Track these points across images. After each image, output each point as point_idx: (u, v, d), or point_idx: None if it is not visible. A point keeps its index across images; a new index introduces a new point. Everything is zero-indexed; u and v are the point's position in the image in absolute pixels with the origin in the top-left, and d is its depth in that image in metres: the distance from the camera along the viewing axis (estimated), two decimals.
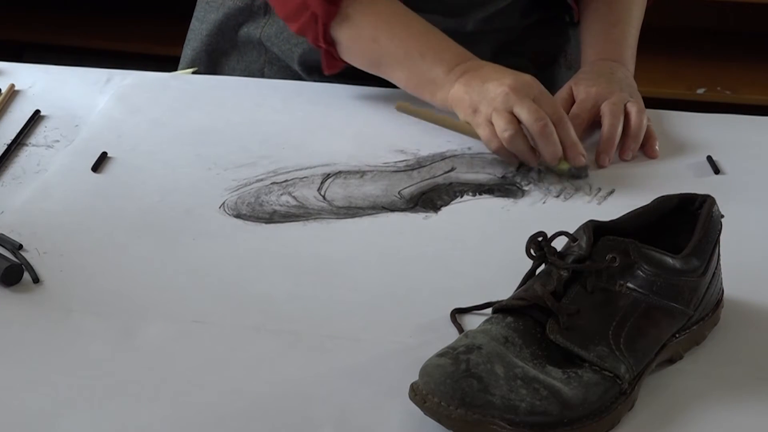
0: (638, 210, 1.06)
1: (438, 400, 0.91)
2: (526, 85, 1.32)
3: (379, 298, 1.11)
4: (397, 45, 1.39)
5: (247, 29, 1.57)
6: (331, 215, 1.24)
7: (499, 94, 1.31)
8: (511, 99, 1.30)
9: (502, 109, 1.30)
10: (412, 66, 1.38)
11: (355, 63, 1.43)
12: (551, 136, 1.29)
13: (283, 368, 1.01)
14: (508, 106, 1.30)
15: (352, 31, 1.40)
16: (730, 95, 2.88)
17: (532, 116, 1.29)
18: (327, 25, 1.40)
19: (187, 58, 1.63)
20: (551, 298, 0.97)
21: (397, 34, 1.40)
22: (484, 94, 1.32)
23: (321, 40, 1.41)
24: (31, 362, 1.01)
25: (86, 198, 1.26)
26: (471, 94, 1.33)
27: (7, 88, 1.48)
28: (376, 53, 1.41)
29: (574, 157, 1.31)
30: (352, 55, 1.42)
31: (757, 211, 1.27)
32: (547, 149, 1.30)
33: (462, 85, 1.34)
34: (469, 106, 1.33)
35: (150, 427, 0.94)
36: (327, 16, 1.39)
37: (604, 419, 0.94)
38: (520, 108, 1.30)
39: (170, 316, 1.07)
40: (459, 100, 1.34)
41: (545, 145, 1.30)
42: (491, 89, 1.32)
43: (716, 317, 1.07)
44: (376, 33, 1.39)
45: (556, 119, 1.31)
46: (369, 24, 1.40)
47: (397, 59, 1.39)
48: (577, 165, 1.31)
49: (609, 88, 1.41)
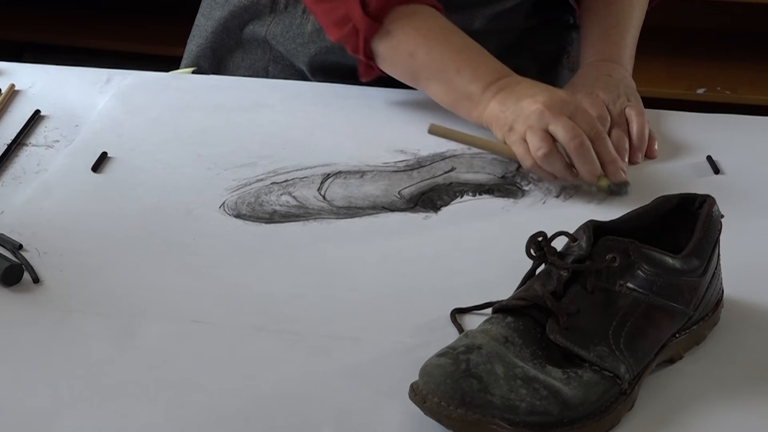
0: (638, 210, 1.06)
1: (438, 400, 0.91)
2: (560, 101, 1.30)
3: (379, 298, 1.11)
4: (433, 59, 1.38)
5: (253, 27, 1.57)
6: (331, 215, 1.24)
7: (533, 111, 1.29)
8: (546, 116, 1.28)
9: (537, 127, 1.28)
10: (448, 81, 1.37)
11: (393, 75, 1.43)
12: (588, 153, 1.27)
13: (283, 368, 1.01)
14: (543, 123, 1.28)
15: (391, 45, 1.39)
16: (730, 95, 2.88)
17: (568, 134, 1.27)
18: (368, 40, 1.39)
19: (191, 54, 1.63)
20: (551, 298, 0.97)
21: (434, 49, 1.38)
22: (518, 111, 1.30)
23: (361, 52, 1.41)
24: (31, 362, 1.01)
25: (86, 198, 1.26)
26: (506, 112, 1.32)
27: (7, 88, 1.48)
28: (413, 67, 1.40)
29: (614, 172, 1.28)
30: (390, 67, 1.42)
31: (757, 211, 1.27)
32: (584, 167, 1.27)
33: (498, 103, 1.33)
34: (504, 124, 1.32)
35: (150, 427, 0.94)
36: (369, 31, 1.39)
37: (604, 419, 0.94)
38: (555, 126, 1.27)
39: (170, 316, 1.07)
40: (494, 118, 1.33)
41: (582, 163, 1.27)
42: (526, 107, 1.30)
43: (716, 317, 1.07)
44: (415, 48, 1.38)
45: (594, 135, 1.28)
46: (408, 38, 1.39)
47: (434, 74, 1.38)
48: (617, 181, 1.28)
49: (607, 92, 1.41)
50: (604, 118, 1.37)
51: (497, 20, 1.53)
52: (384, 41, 1.39)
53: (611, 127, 1.37)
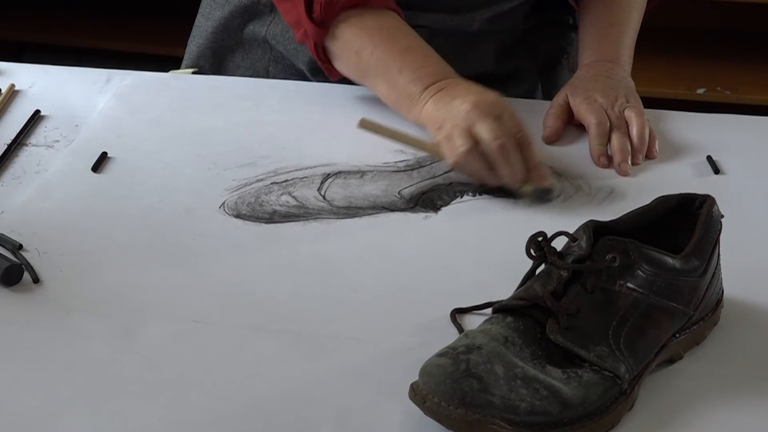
0: (638, 210, 1.06)
1: (438, 400, 0.91)
2: (489, 103, 1.29)
3: (379, 298, 1.11)
4: (377, 59, 1.39)
5: (253, 27, 1.57)
6: (331, 215, 1.24)
7: (461, 111, 1.29)
8: (472, 116, 1.28)
9: (462, 126, 1.28)
10: (390, 81, 1.38)
11: (345, 74, 1.44)
12: (509, 156, 1.26)
13: (283, 368, 1.01)
14: (469, 123, 1.28)
15: (339, 45, 1.41)
16: (730, 95, 2.88)
17: (490, 135, 1.26)
18: (318, 43, 1.41)
19: (191, 54, 1.63)
20: (551, 298, 0.97)
21: (378, 48, 1.39)
22: (449, 111, 1.31)
23: (315, 55, 1.43)
24: (31, 362, 1.01)
25: (86, 198, 1.26)
26: (439, 111, 1.32)
27: (7, 88, 1.48)
28: (360, 66, 1.41)
29: (537, 178, 1.27)
30: (342, 66, 1.43)
31: (757, 211, 1.27)
32: (504, 169, 1.27)
33: (433, 103, 1.34)
34: (436, 123, 1.32)
35: (150, 427, 0.94)
36: (318, 36, 1.41)
37: (604, 419, 0.94)
38: (480, 126, 1.27)
39: (170, 316, 1.07)
40: (429, 117, 1.34)
41: (503, 165, 1.26)
42: (456, 106, 1.30)
43: (716, 317, 1.07)
44: (360, 47, 1.40)
45: (520, 138, 1.28)
46: (354, 38, 1.40)
47: (377, 73, 1.40)
48: (541, 187, 1.27)
49: (606, 95, 1.41)
50: (602, 123, 1.37)
51: (496, 21, 1.53)
52: (333, 42, 1.41)
53: (611, 131, 1.37)
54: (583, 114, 1.40)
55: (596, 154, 1.36)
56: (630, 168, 1.34)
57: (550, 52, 1.63)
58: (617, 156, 1.35)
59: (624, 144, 1.36)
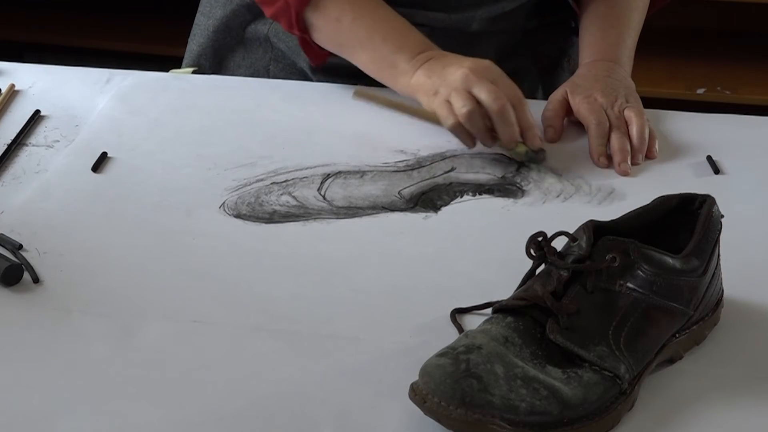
0: (638, 210, 1.06)
1: (438, 400, 0.91)
2: (485, 68, 1.34)
3: (379, 298, 1.11)
4: (359, 27, 1.41)
5: (255, 26, 1.57)
6: (331, 215, 1.24)
7: (459, 76, 1.33)
8: (471, 80, 1.32)
9: (461, 89, 1.32)
10: (374, 49, 1.41)
11: (324, 45, 1.45)
12: (509, 116, 1.31)
13: (283, 368, 1.01)
14: (467, 86, 1.32)
15: (319, 13, 1.42)
16: (730, 95, 2.88)
17: (490, 96, 1.31)
18: (300, 12, 1.42)
19: (192, 53, 1.63)
20: (551, 298, 0.97)
21: (360, 17, 1.41)
22: (444, 77, 1.34)
23: (294, 26, 1.43)
24: (31, 362, 1.01)
25: (86, 198, 1.26)
26: (432, 78, 1.35)
27: (7, 88, 1.48)
28: (340, 35, 1.43)
29: (531, 138, 1.33)
30: (321, 37, 1.44)
31: (757, 211, 1.27)
32: (505, 130, 1.31)
33: (424, 71, 1.36)
34: (430, 89, 1.35)
35: (150, 427, 0.94)
36: (300, 5, 1.42)
37: (604, 419, 0.94)
38: (479, 88, 1.32)
39: (170, 316, 1.07)
40: (420, 85, 1.36)
41: (503, 125, 1.31)
42: (451, 72, 1.34)
43: (716, 317, 1.07)
44: (341, 14, 1.41)
45: (515, 101, 1.33)
46: (335, 6, 1.42)
47: (360, 42, 1.41)
48: (534, 147, 1.33)
49: (605, 95, 1.41)
50: (602, 123, 1.37)
51: (496, 22, 1.53)
52: (314, 12, 1.42)
53: (610, 130, 1.37)
54: (583, 114, 1.40)
55: (596, 154, 1.36)
56: (630, 168, 1.34)
57: (551, 53, 1.63)
58: (617, 156, 1.35)
59: (623, 144, 1.36)
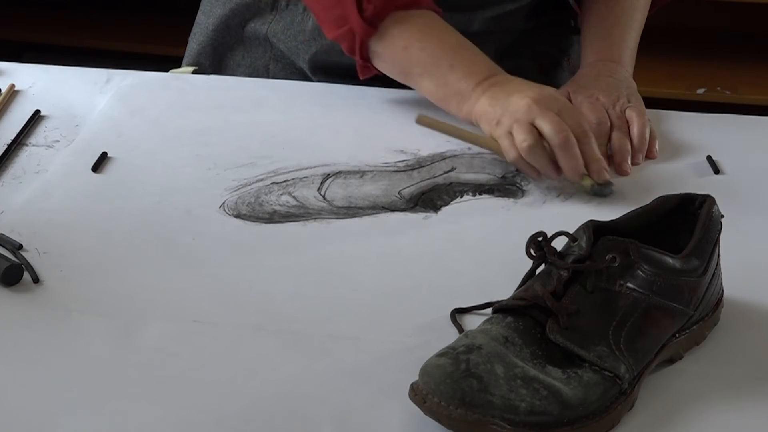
0: (638, 210, 1.06)
1: (438, 400, 0.91)
2: (549, 98, 1.31)
3: (379, 298, 1.11)
4: (427, 55, 1.39)
5: (254, 25, 1.57)
6: (331, 215, 1.24)
7: (521, 106, 1.30)
8: (534, 111, 1.29)
9: (523, 121, 1.29)
10: (440, 77, 1.38)
11: (387, 72, 1.43)
12: (572, 149, 1.27)
13: (283, 368, 1.01)
14: (530, 117, 1.29)
15: (386, 43, 1.40)
16: (730, 95, 2.88)
17: (553, 128, 1.27)
18: (365, 42, 1.40)
19: (192, 52, 1.63)
20: (551, 298, 0.97)
21: (428, 45, 1.39)
22: (507, 106, 1.31)
23: (358, 54, 1.42)
24: (31, 362, 1.01)
25: (86, 198, 1.26)
26: (495, 107, 1.32)
27: (7, 88, 1.48)
28: (406, 63, 1.41)
29: (597, 171, 1.28)
30: (384, 64, 1.42)
31: (757, 211, 1.27)
32: (568, 163, 1.27)
33: (487, 99, 1.33)
34: (492, 118, 1.32)
35: (150, 427, 0.94)
36: (365, 35, 1.40)
37: (604, 419, 0.94)
38: (541, 120, 1.28)
39: (170, 316, 1.07)
40: (483, 113, 1.33)
41: (566, 159, 1.27)
42: (514, 102, 1.31)
43: (716, 317, 1.07)
44: (409, 43, 1.39)
45: (580, 133, 1.28)
46: (403, 34, 1.40)
47: (426, 69, 1.39)
48: (599, 181, 1.28)
49: (607, 95, 1.41)
50: (603, 123, 1.37)
51: (497, 22, 1.53)
52: (379, 41, 1.40)
53: (611, 130, 1.37)
54: (584, 113, 1.40)
55: None
56: (630, 168, 1.34)
57: (551, 53, 1.63)
58: (617, 156, 1.35)
59: (624, 144, 1.36)
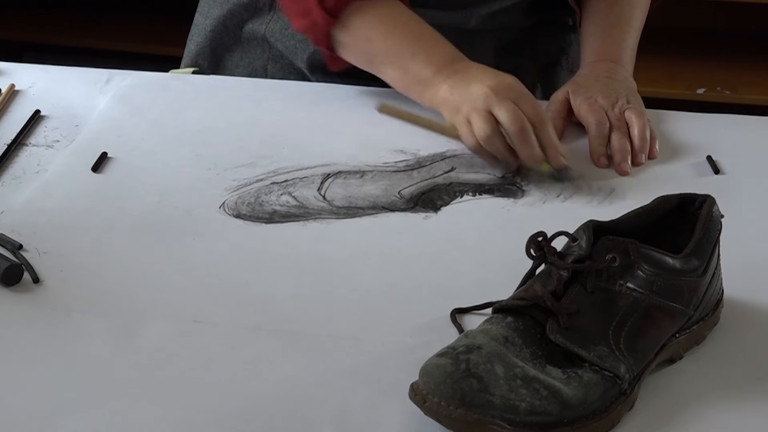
0: (638, 210, 1.06)
1: (438, 400, 0.91)
2: (507, 86, 1.33)
3: (379, 298, 1.11)
4: (390, 44, 1.41)
5: (252, 25, 1.58)
6: (331, 215, 1.24)
7: (480, 95, 1.32)
8: (491, 99, 1.31)
9: (481, 109, 1.31)
10: (402, 65, 1.40)
11: (352, 61, 1.45)
12: (528, 137, 1.30)
13: (282, 368, 1.01)
14: (488, 106, 1.31)
15: (349, 32, 1.42)
16: (730, 95, 2.88)
17: (509, 117, 1.29)
18: (327, 31, 1.42)
19: (190, 53, 1.63)
20: (551, 298, 0.97)
21: (390, 34, 1.42)
22: (466, 94, 1.33)
23: (323, 44, 1.44)
24: (31, 362, 1.01)
25: (86, 198, 1.26)
26: (455, 95, 1.34)
27: (7, 88, 1.48)
28: (370, 52, 1.43)
29: (553, 158, 1.31)
30: (349, 53, 1.44)
31: (757, 211, 1.27)
32: (524, 151, 1.30)
33: (448, 86, 1.35)
34: (452, 106, 1.35)
35: (150, 427, 0.94)
36: (328, 25, 1.41)
37: (604, 419, 0.94)
38: (498, 109, 1.30)
39: (170, 316, 1.07)
40: (444, 100, 1.36)
41: (522, 146, 1.30)
42: (473, 90, 1.33)
43: (716, 317, 1.07)
44: (371, 33, 1.42)
45: (537, 121, 1.31)
46: (365, 24, 1.42)
47: (389, 58, 1.41)
48: (556, 167, 1.31)
49: (606, 96, 1.41)
50: (602, 124, 1.38)
51: (494, 19, 1.53)
52: (343, 31, 1.42)
53: (611, 132, 1.37)
54: (583, 115, 1.40)
55: (596, 154, 1.36)
56: (630, 168, 1.34)
57: (550, 52, 1.63)
58: (617, 156, 1.35)
59: (624, 144, 1.36)
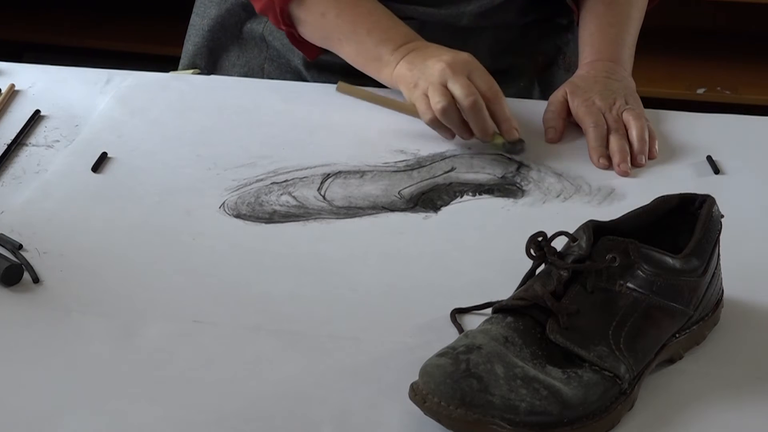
0: (638, 210, 1.06)
1: (438, 400, 0.91)
2: (462, 62, 1.36)
3: (379, 298, 1.11)
4: (344, 20, 1.44)
5: (251, 25, 1.58)
6: (331, 215, 1.24)
7: (436, 70, 1.35)
8: (447, 74, 1.35)
9: (437, 84, 1.34)
10: (359, 42, 1.43)
11: (310, 39, 1.48)
12: (481, 111, 1.33)
13: (282, 368, 1.01)
14: (443, 80, 1.35)
15: (305, 9, 1.45)
16: (730, 95, 2.88)
17: (463, 91, 1.33)
18: (284, 8, 1.45)
19: (188, 53, 1.64)
20: (551, 298, 0.97)
21: (345, 10, 1.44)
22: (423, 70, 1.37)
23: (281, 21, 1.46)
24: (31, 362, 1.01)
25: (86, 198, 1.26)
26: (413, 71, 1.38)
27: (7, 88, 1.48)
28: (326, 29, 1.45)
29: (507, 131, 1.35)
30: (307, 31, 1.47)
31: (757, 211, 1.27)
32: (477, 125, 1.34)
33: (406, 63, 1.39)
34: (410, 82, 1.38)
35: (150, 427, 0.94)
36: (285, 2, 1.44)
37: (604, 419, 0.94)
38: (453, 83, 1.34)
39: (170, 316, 1.07)
40: (402, 77, 1.39)
41: (475, 120, 1.34)
42: (430, 65, 1.37)
43: (716, 317, 1.07)
44: (326, 9, 1.44)
45: (491, 96, 1.35)
46: (320, 1, 1.44)
47: (345, 35, 1.44)
48: (510, 139, 1.35)
49: (604, 97, 1.41)
50: (600, 126, 1.38)
51: (487, 17, 1.53)
52: (299, 7, 1.45)
53: (609, 133, 1.37)
54: (581, 117, 1.40)
55: (595, 156, 1.36)
56: (629, 168, 1.34)
57: (547, 51, 1.63)
58: (616, 156, 1.35)
59: (622, 145, 1.36)
